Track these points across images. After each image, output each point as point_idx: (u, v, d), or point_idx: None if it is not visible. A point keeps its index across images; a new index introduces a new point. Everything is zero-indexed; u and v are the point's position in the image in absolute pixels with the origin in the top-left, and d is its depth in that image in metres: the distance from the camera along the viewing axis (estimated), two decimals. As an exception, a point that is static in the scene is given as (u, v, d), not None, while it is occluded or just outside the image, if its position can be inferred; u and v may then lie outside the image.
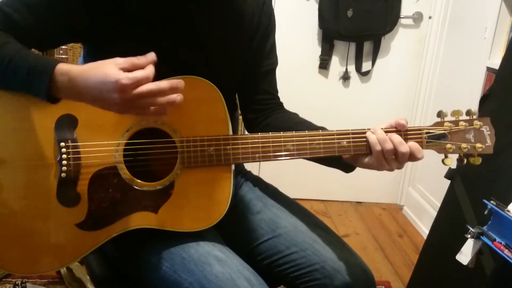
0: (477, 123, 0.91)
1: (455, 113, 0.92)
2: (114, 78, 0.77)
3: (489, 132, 0.92)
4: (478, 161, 0.92)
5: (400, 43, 2.61)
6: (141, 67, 0.80)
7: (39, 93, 0.83)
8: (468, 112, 0.92)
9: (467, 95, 2.13)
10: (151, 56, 0.82)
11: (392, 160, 0.89)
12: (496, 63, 1.82)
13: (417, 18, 2.57)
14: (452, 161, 0.92)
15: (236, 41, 1.04)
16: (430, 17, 2.57)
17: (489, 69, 2.01)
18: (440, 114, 0.92)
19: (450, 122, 0.92)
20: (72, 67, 0.82)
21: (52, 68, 0.82)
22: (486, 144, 0.91)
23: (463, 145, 0.91)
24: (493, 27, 1.99)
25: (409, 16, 2.56)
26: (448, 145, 0.91)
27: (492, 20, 2.00)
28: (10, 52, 0.84)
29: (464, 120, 0.92)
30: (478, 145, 0.91)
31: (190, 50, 0.99)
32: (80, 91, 0.81)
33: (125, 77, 0.77)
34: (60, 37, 0.96)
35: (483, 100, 1.51)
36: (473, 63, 2.14)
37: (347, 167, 0.98)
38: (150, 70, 0.80)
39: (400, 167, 0.90)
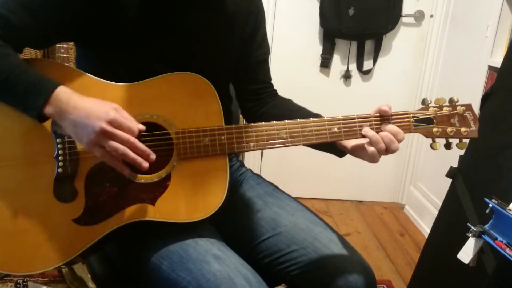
0: (460, 108, 0.95)
1: (439, 100, 0.95)
2: (103, 117, 0.82)
3: (472, 117, 0.95)
4: (464, 145, 0.95)
5: (401, 42, 2.60)
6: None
7: (33, 108, 0.84)
8: (451, 100, 0.95)
9: (469, 93, 2.12)
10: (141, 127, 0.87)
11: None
12: (498, 62, 1.81)
13: (419, 16, 2.56)
14: (440, 145, 0.95)
15: (228, 33, 1.05)
16: (431, 16, 2.56)
17: (490, 68, 2.01)
18: (424, 101, 0.95)
19: (434, 107, 0.95)
20: (73, 93, 0.85)
21: (53, 88, 0.84)
22: (471, 129, 0.95)
23: (449, 128, 0.94)
24: (494, 25, 1.99)
25: (411, 15, 2.55)
26: (435, 129, 0.94)
27: (494, 18, 1.99)
28: (11, 65, 0.85)
29: (448, 106, 0.95)
30: (463, 129, 0.94)
31: (182, 43, 0.99)
32: (68, 110, 0.84)
33: (112, 120, 0.82)
34: (55, 36, 0.96)
35: (485, 99, 1.50)
36: (474, 62, 2.14)
37: (340, 152, 1.01)
38: (135, 127, 0.85)
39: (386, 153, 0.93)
